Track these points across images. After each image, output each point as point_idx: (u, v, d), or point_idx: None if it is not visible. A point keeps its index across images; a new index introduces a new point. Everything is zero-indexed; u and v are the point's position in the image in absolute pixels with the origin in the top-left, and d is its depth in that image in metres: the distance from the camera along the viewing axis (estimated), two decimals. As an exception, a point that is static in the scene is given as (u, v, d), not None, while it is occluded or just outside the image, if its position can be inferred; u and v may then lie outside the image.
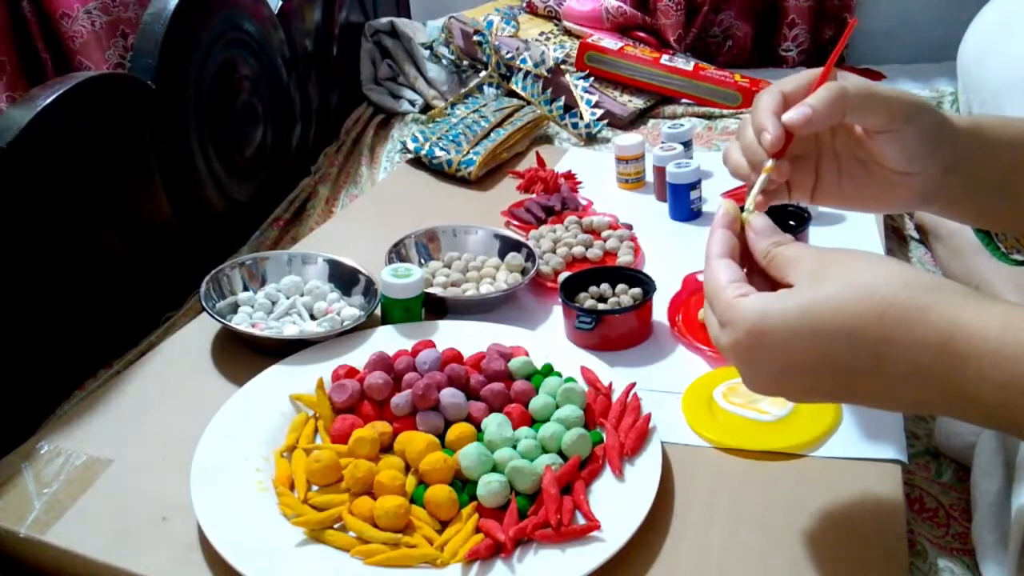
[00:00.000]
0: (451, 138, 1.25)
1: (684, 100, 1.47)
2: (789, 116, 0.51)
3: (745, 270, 0.52)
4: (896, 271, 0.44)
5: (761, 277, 0.52)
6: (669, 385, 0.74)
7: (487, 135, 1.26)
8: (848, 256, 0.46)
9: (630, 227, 1.01)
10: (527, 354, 0.76)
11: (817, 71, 0.54)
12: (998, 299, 0.42)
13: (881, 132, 0.52)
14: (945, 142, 0.53)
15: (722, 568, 0.57)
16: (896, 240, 1.06)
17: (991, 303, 0.41)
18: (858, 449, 0.65)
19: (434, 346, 0.76)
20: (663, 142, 1.11)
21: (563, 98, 1.43)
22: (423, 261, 0.95)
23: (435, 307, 0.88)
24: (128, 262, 0.94)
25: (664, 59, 1.46)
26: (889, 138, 0.52)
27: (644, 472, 0.63)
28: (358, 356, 0.77)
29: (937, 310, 0.41)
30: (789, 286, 0.47)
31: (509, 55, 1.48)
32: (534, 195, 1.13)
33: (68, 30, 1.37)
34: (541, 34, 1.61)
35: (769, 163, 0.52)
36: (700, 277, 0.54)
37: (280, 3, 1.29)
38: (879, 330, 0.42)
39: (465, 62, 1.54)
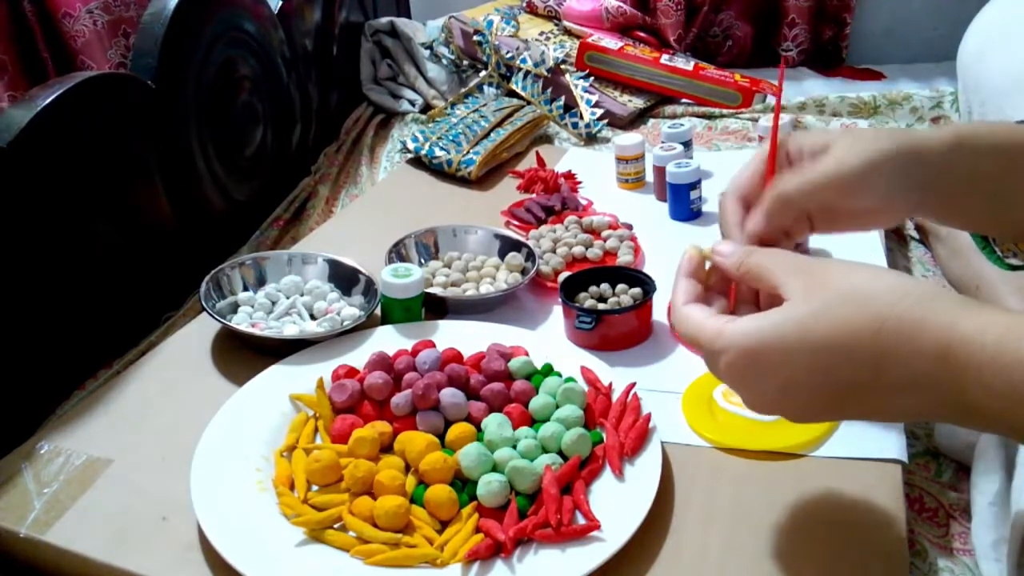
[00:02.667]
0: (451, 138, 1.25)
1: (684, 100, 1.47)
2: (749, 227, 0.53)
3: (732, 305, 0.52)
4: (890, 282, 0.44)
5: (748, 308, 0.52)
6: (669, 385, 0.74)
7: (487, 135, 1.26)
8: (839, 268, 0.46)
9: (630, 227, 1.01)
10: (527, 354, 0.76)
11: (766, 150, 0.55)
12: (995, 306, 0.42)
13: (843, 198, 0.52)
14: (915, 170, 0.53)
15: (722, 568, 0.57)
16: (896, 240, 1.06)
17: (988, 311, 0.41)
18: (858, 449, 0.65)
19: (434, 346, 0.76)
20: (663, 142, 1.11)
21: (563, 98, 1.43)
22: (423, 261, 0.95)
23: (435, 307, 0.88)
24: (128, 262, 0.94)
25: (664, 59, 1.47)
26: (853, 199, 0.52)
27: (644, 472, 0.63)
28: (358, 356, 0.77)
29: (934, 320, 0.41)
30: (773, 299, 0.47)
31: (509, 55, 1.48)
32: (534, 195, 1.13)
33: (70, 30, 1.37)
34: (541, 34, 1.62)
35: None
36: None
37: (280, 3, 1.29)
38: (877, 344, 0.42)
39: (465, 62, 1.54)
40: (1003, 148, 0.53)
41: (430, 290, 0.87)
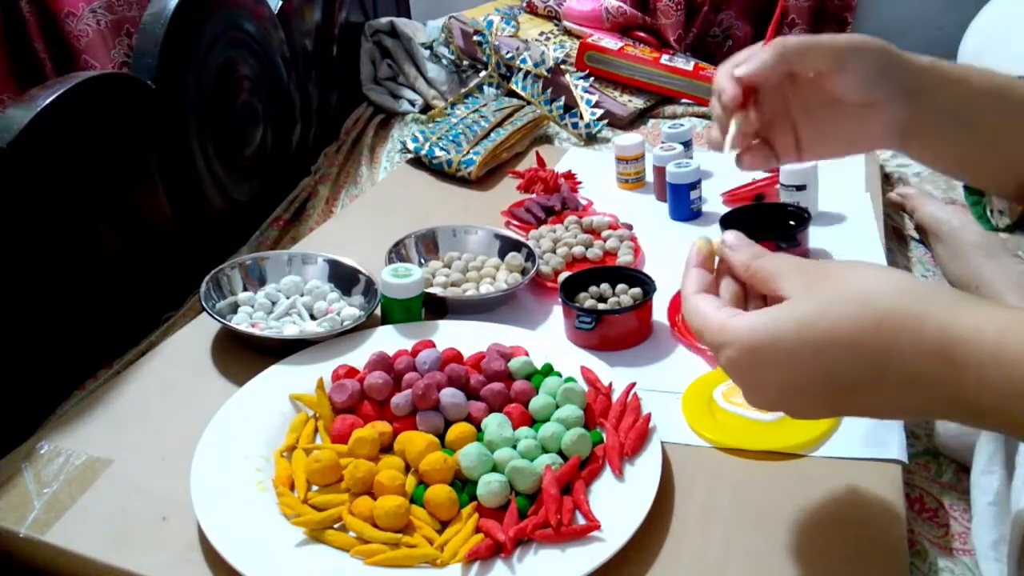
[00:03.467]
0: (451, 138, 1.25)
1: (684, 100, 1.47)
2: (740, 71, 0.57)
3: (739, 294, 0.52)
4: (890, 280, 0.44)
5: (756, 303, 0.52)
6: (669, 385, 0.74)
7: (487, 135, 1.26)
8: (840, 267, 0.46)
9: (630, 227, 1.01)
10: (527, 354, 0.76)
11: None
12: (993, 303, 0.42)
13: (830, 73, 0.56)
14: (897, 69, 0.57)
15: (722, 568, 0.57)
16: (896, 240, 1.06)
17: (987, 308, 0.41)
18: (858, 449, 0.65)
19: (434, 346, 0.76)
20: (663, 142, 1.11)
21: (563, 98, 1.43)
22: (423, 261, 0.95)
23: (435, 307, 0.88)
24: (128, 262, 0.94)
25: (664, 59, 1.47)
26: (838, 76, 0.56)
27: (644, 472, 0.63)
28: (358, 356, 0.77)
29: (933, 318, 0.41)
30: (779, 299, 0.47)
31: (509, 55, 1.48)
32: (534, 195, 1.13)
33: (73, 29, 1.37)
34: (541, 34, 1.62)
35: (738, 115, 0.58)
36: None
37: (280, 3, 1.29)
38: (877, 341, 0.42)
39: (465, 62, 1.54)
40: (970, 77, 0.57)
41: (430, 290, 0.87)
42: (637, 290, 0.84)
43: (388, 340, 0.80)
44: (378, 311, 0.85)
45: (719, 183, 1.10)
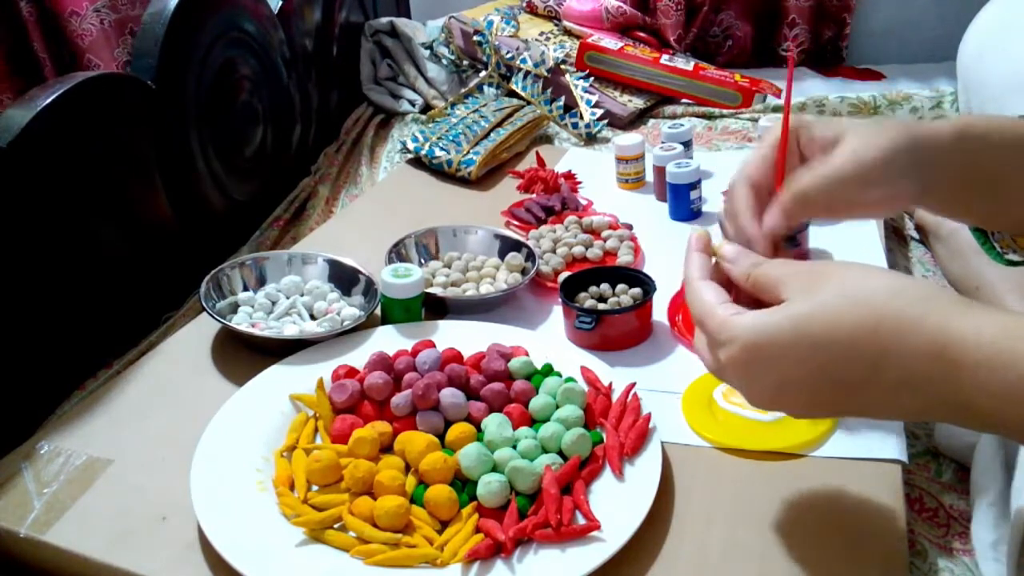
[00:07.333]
0: (451, 138, 1.25)
1: (684, 100, 1.47)
2: (768, 225, 0.53)
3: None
4: (889, 281, 0.44)
5: (748, 299, 0.52)
6: (669, 385, 0.74)
7: (487, 135, 1.26)
8: (839, 268, 0.46)
9: (630, 227, 1.01)
10: (527, 354, 0.76)
11: (776, 136, 0.55)
12: (992, 307, 0.42)
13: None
14: (922, 161, 0.53)
15: (722, 568, 0.57)
16: (896, 240, 1.06)
17: (985, 311, 0.41)
18: (858, 449, 0.65)
19: (434, 346, 0.76)
20: (663, 142, 1.11)
21: (563, 98, 1.43)
22: (423, 261, 0.95)
23: (435, 307, 0.88)
24: (128, 262, 0.94)
25: (664, 59, 1.47)
26: (867, 194, 0.53)
27: (644, 472, 0.63)
28: (358, 356, 0.77)
29: (931, 319, 0.41)
30: (780, 303, 0.47)
31: (509, 55, 1.48)
32: (534, 195, 1.13)
33: (77, 28, 1.37)
34: (541, 34, 1.62)
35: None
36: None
37: (280, 3, 1.29)
38: (874, 341, 0.42)
39: (465, 62, 1.54)
40: (1004, 143, 0.54)
41: (430, 290, 0.87)
42: (637, 290, 0.84)
43: (388, 340, 0.80)
44: (378, 311, 0.85)
45: (719, 183, 1.10)
